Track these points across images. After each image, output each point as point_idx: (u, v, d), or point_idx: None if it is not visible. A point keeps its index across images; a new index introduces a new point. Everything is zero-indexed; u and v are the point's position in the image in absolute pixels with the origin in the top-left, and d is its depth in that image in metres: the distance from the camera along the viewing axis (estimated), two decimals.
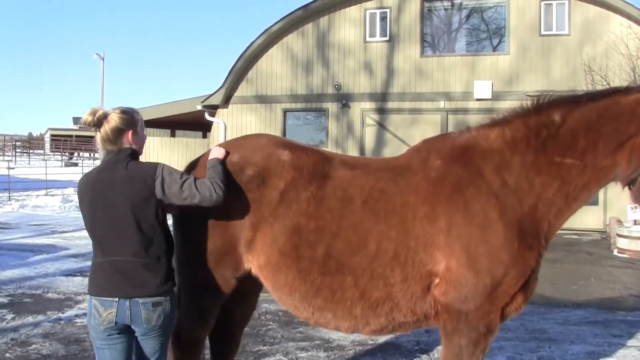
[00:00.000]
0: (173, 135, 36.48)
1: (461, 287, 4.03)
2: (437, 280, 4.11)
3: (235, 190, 4.33)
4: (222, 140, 21.09)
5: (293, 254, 4.24)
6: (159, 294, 4.07)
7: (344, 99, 23.64)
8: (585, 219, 18.87)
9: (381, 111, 23.47)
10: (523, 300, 4.25)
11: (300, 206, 4.29)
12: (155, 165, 4.16)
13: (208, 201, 4.13)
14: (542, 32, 22.04)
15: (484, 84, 22.11)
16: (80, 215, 4.51)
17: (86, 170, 38.60)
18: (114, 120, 4.18)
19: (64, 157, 61.99)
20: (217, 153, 4.48)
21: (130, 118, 4.23)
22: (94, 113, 4.24)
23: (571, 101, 4.29)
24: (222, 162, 4.40)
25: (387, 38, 23.52)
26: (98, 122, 4.21)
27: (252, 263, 4.41)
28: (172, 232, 4.42)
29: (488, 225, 4.05)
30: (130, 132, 4.21)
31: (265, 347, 7.55)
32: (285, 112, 24.69)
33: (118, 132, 4.18)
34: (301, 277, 4.25)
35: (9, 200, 27.90)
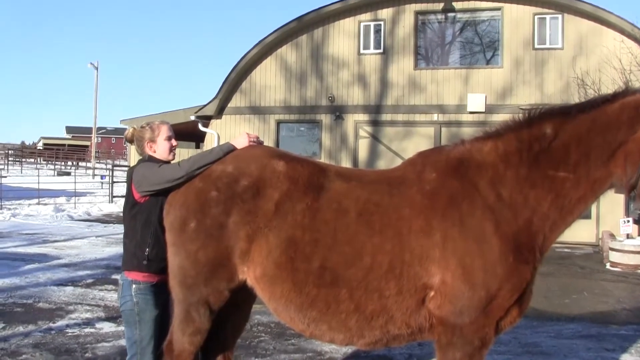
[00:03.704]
0: None
1: (456, 300, 4.02)
2: (432, 294, 4.10)
3: (230, 200, 4.33)
4: None
5: (289, 266, 4.23)
6: (122, 273, 4.99)
7: (338, 111, 23.66)
8: (578, 233, 18.88)
9: (375, 123, 23.50)
10: (518, 314, 4.24)
11: (295, 218, 4.27)
12: (133, 169, 5.00)
13: (170, 176, 4.71)
14: (536, 46, 22.14)
15: (478, 97, 22.17)
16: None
17: (79, 179, 38.59)
18: (133, 134, 5.17)
19: (56, 166, 61.83)
20: (241, 141, 4.84)
21: (146, 131, 5.09)
22: (127, 131, 5.31)
23: (562, 113, 4.29)
24: (227, 149, 4.76)
25: (381, 50, 23.58)
26: (130, 138, 5.24)
27: (248, 274, 4.39)
28: (166, 243, 4.61)
29: (483, 239, 4.04)
30: (148, 142, 5.07)
31: (257, 359, 7.51)
32: (278, 123, 24.69)
33: (139, 143, 5.12)
34: (297, 289, 4.23)
35: (1, 209, 27.77)
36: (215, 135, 24.77)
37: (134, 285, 4.88)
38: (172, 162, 5.06)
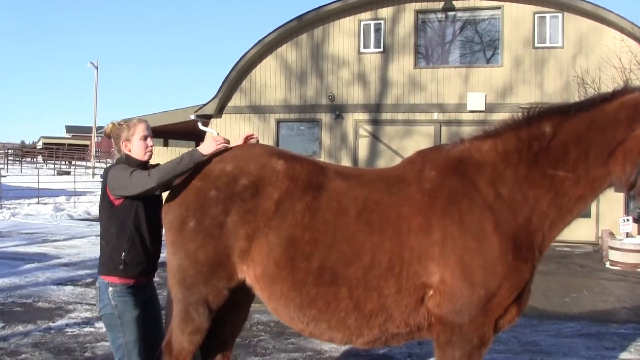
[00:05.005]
0: (166, 144, 36.43)
1: (455, 299, 4.01)
2: (431, 292, 4.10)
3: (229, 200, 4.33)
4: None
5: (289, 265, 4.22)
6: (99, 276, 4.91)
7: (338, 110, 23.66)
8: (577, 232, 18.86)
9: (375, 122, 23.49)
10: (517, 313, 4.24)
11: (295, 217, 4.27)
12: (109, 169, 4.89)
13: (141, 188, 4.64)
14: (536, 45, 22.13)
15: (478, 96, 22.16)
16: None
17: (79, 179, 38.58)
18: (111, 130, 5.02)
19: (56, 166, 61.81)
20: (207, 147, 4.68)
21: (123, 129, 4.97)
22: (107, 126, 5.10)
23: (561, 112, 4.28)
24: (197, 159, 4.62)
25: (381, 49, 23.57)
26: (108, 134, 5.07)
27: (248, 274, 4.39)
28: (165, 242, 4.58)
29: (483, 238, 4.04)
30: (124, 141, 4.94)
31: (256, 358, 7.52)
32: (278, 122, 24.69)
33: (115, 141, 4.99)
34: (296, 289, 4.23)
35: (1, 208, 27.77)
36: (215, 134, 24.74)
37: (110, 288, 4.82)
38: (149, 163, 5.03)
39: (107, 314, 4.87)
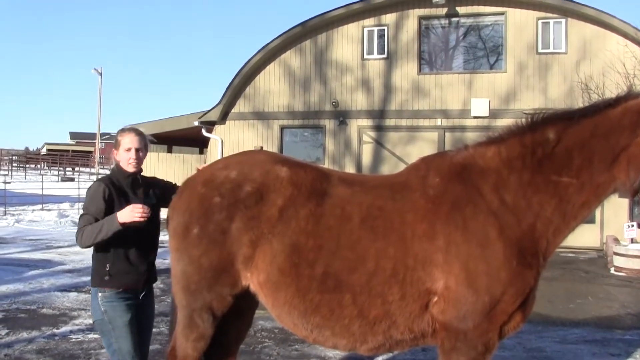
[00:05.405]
0: (170, 151, 36.46)
1: (460, 305, 4.00)
2: (435, 299, 4.09)
3: (233, 206, 4.33)
4: (219, 157, 21.16)
5: (292, 272, 4.22)
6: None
7: (342, 116, 23.67)
8: (582, 237, 18.85)
9: (378, 128, 23.51)
10: (521, 319, 4.22)
11: (299, 224, 4.27)
12: (97, 181, 5.04)
13: (78, 240, 4.86)
14: (539, 50, 22.14)
15: (481, 102, 22.17)
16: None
17: (83, 185, 38.61)
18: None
19: (60, 172, 61.85)
20: (125, 216, 4.71)
21: (116, 136, 5.05)
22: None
23: (565, 118, 4.26)
24: (115, 229, 4.70)
25: (384, 55, 23.60)
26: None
27: (252, 280, 4.38)
28: (169, 249, 4.57)
29: (487, 244, 4.03)
30: (114, 149, 5.07)
31: None
32: (282, 128, 24.71)
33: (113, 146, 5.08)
34: (300, 295, 4.22)
35: (5, 214, 27.83)
36: (219, 140, 24.79)
37: (99, 294, 4.88)
38: (137, 174, 5.06)
39: (99, 319, 4.93)
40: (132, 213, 4.63)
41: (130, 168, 4.98)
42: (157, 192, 5.18)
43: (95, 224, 4.73)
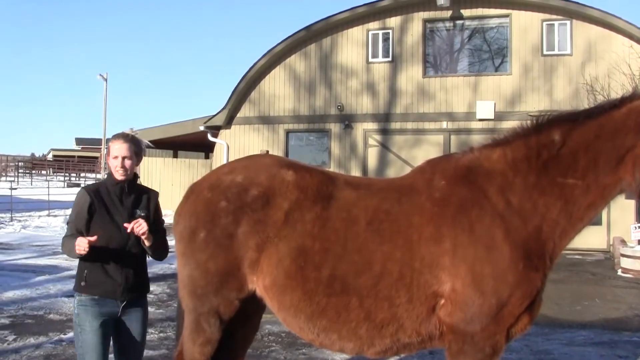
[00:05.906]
0: (175, 155, 36.54)
1: (467, 308, 4.00)
2: (442, 301, 4.08)
3: (239, 210, 4.33)
4: (224, 161, 21.17)
5: (298, 275, 4.22)
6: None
7: (347, 120, 23.68)
8: (589, 239, 18.81)
9: (384, 132, 23.50)
10: (528, 321, 4.21)
11: (305, 227, 4.27)
12: (86, 187, 5.05)
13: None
14: (545, 52, 22.12)
15: (487, 105, 22.14)
16: None
17: None
18: None
19: (66, 178, 61.99)
20: (74, 250, 4.68)
21: (110, 142, 5.03)
22: None
23: (570, 120, 4.26)
24: (72, 254, 4.71)
25: (389, 59, 23.61)
26: None
27: (257, 284, 4.38)
28: (175, 253, 4.55)
29: (493, 246, 4.03)
30: (107, 157, 5.03)
31: None
32: (287, 132, 24.74)
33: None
34: (306, 299, 4.22)
35: (11, 221, 27.87)
36: (225, 145, 24.82)
37: (76, 297, 4.92)
38: (128, 181, 5.00)
39: (74, 322, 4.95)
40: (76, 247, 4.58)
41: (118, 176, 4.92)
42: (151, 204, 5.14)
43: (68, 242, 4.75)
